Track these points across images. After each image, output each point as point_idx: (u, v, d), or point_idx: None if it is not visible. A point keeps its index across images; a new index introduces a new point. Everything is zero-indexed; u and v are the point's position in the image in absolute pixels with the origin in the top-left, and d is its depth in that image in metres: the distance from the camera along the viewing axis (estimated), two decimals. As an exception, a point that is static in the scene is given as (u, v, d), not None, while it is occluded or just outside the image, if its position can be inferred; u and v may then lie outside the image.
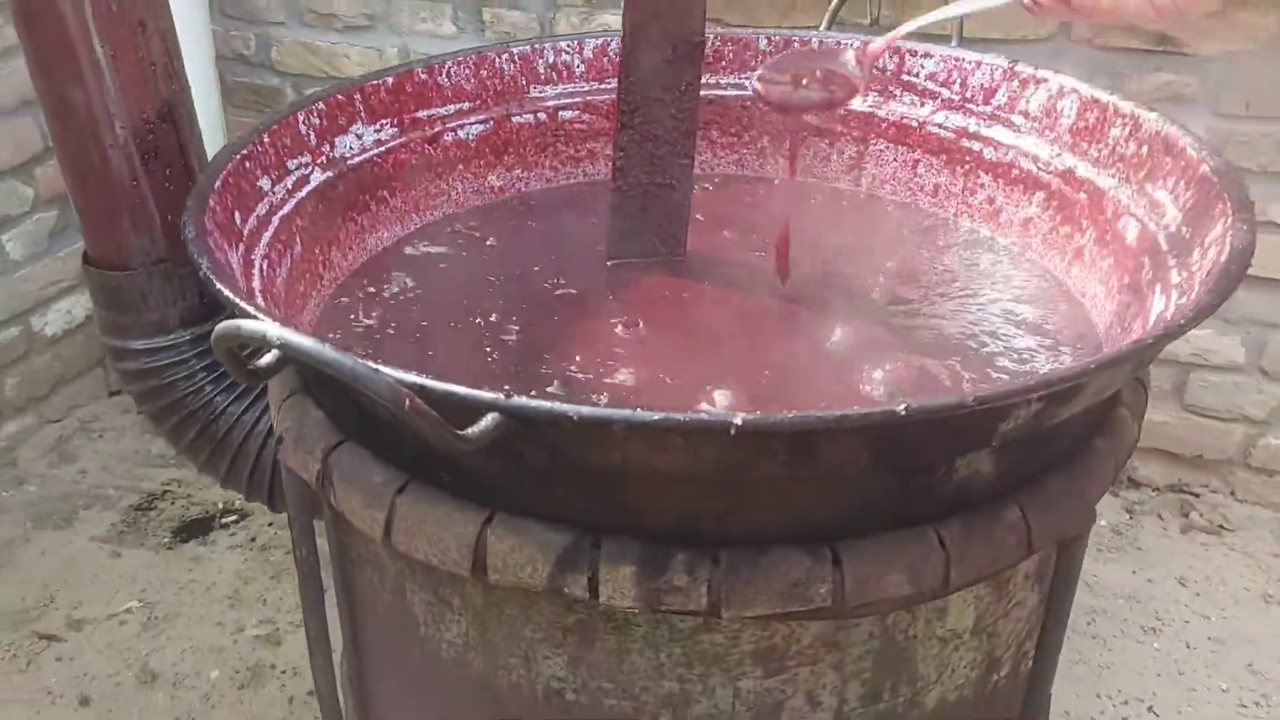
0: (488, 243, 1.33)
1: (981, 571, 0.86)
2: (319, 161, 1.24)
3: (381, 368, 0.73)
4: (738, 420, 0.69)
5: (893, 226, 1.37)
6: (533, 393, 0.97)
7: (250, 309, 0.81)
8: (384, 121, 1.32)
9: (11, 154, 2.39)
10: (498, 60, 1.40)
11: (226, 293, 0.84)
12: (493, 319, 1.16)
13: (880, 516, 0.83)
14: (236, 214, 1.07)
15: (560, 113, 1.45)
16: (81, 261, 1.26)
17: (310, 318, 1.15)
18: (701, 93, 1.27)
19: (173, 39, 1.20)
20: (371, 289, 1.23)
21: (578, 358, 1.08)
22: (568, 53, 1.44)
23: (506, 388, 0.73)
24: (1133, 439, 1.00)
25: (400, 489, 0.88)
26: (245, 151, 1.12)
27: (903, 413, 0.70)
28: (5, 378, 2.50)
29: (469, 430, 0.71)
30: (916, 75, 1.39)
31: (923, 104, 1.39)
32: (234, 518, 2.35)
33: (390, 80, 1.32)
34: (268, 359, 0.75)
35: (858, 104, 1.43)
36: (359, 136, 1.29)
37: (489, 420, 0.72)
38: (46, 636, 2.09)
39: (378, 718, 1.17)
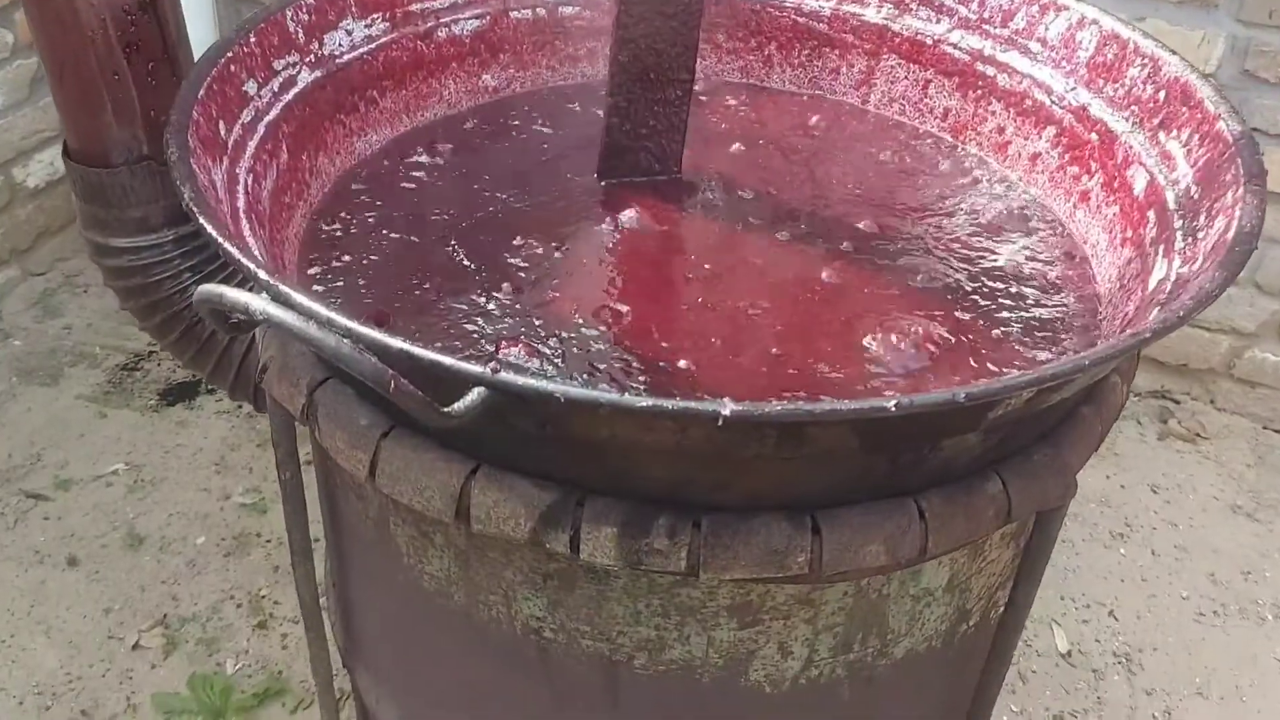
0: (477, 153, 1.29)
1: (958, 541, 0.87)
2: (307, 60, 1.18)
3: (366, 332, 0.72)
4: (726, 410, 0.69)
5: (899, 150, 1.33)
6: (521, 349, 0.95)
7: (239, 255, 0.79)
8: (375, 16, 1.26)
9: (-13, -5, 2.30)
10: (497, -50, 1.33)
11: (225, 246, 0.81)
12: (480, 244, 1.13)
13: (864, 489, 0.84)
14: (221, 124, 1.03)
15: (560, 8, 1.39)
16: (61, 154, 1.22)
17: (296, 230, 1.12)
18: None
19: (153, -77, 1.13)
20: (358, 201, 1.19)
21: (573, 293, 1.06)
22: (571, -57, 1.37)
23: (493, 363, 0.72)
24: (1121, 403, 1.00)
25: (385, 433, 0.88)
26: (230, 54, 1.07)
27: (893, 409, 0.70)
28: (-13, 229, 2.46)
29: (455, 406, 0.70)
30: (934, -12, 1.33)
31: (938, 20, 1.33)
32: (220, 383, 2.36)
33: (383, -30, 1.25)
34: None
35: (871, 15, 1.37)
36: (349, 32, 1.23)
37: (475, 395, 0.71)
38: (34, 495, 2.11)
39: (359, 629, 1.20)
